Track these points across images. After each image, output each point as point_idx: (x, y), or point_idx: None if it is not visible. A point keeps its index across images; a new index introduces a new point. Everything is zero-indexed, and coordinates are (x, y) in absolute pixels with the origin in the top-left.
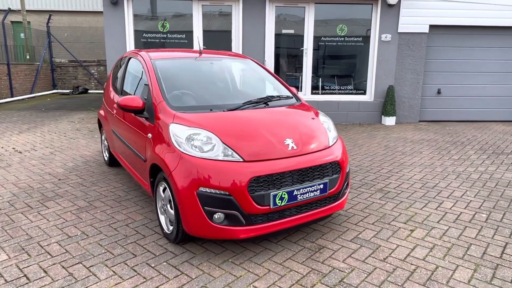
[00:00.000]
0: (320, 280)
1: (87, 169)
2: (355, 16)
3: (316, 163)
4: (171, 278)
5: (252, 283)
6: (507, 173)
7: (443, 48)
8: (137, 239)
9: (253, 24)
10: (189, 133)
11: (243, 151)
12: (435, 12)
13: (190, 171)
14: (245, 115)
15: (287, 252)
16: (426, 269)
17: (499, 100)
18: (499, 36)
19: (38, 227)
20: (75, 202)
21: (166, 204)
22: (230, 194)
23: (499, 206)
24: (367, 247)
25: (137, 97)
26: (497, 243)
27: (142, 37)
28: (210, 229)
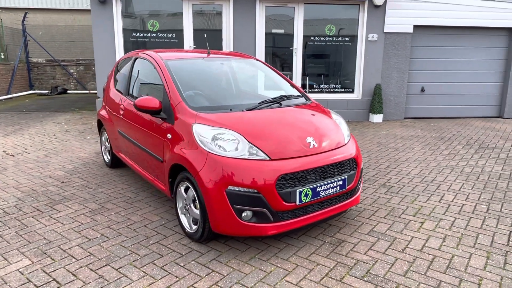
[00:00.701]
0: (347, 272)
1: (89, 171)
2: (343, 16)
3: (336, 160)
4: (203, 276)
5: (283, 278)
6: (496, 166)
7: (426, 48)
8: (159, 240)
9: (244, 23)
10: (214, 133)
11: (269, 150)
12: (419, 13)
13: (219, 170)
14: (264, 114)
15: (310, 247)
16: (444, 258)
17: (478, 97)
18: (477, 36)
19: (55, 231)
20: (85, 204)
21: (189, 204)
22: (259, 192)
23: (495, 197)
24: (384, 240)
25: (154, 98)
26: (502, 232)
27: (131, 36)
28: (239, 226)
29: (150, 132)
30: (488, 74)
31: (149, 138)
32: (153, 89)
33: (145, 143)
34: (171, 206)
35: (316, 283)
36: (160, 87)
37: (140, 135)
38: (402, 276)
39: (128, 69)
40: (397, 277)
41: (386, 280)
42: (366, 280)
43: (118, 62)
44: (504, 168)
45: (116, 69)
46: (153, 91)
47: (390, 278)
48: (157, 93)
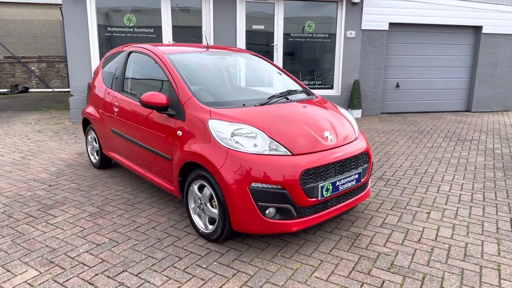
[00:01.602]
0: (373, 265)
1: (76, 173)
2: (322, 13)
3: (352, 154)
4: (230, 277)
5: (312, 274)
6: (478, 157)
7: (400, 45)
8: (173, 241)
9: (224, 20)
10: (233, 128)
11: (290, 145)
12: (394, 10)
13: (241, 167)
14: (278, 109)
15: (329, 242)
16: (459, 247)
17: (448, 93)
18: (447, 34)
19: (56, 238)
20: (82, 208)
21: (205, 203)
22: (284, 188)
23: (487, 186)
24: (399, 231)
25: (160, 93)
26: (504, 219)
27: (107, 31)
28: (263, 224)
29: (155, 130)
30: (457, 70)
31: (153, 136)
32: (155, 85)
33: (148, 142)
34: (175, 207)
35: (345, 277)
36: (163, 82)
37: (142, 133)
38: (426, 266)
39: (121, 64)
40: (421, 267)
41: (412, 270)
42: (393, 271)
43: (106, 57)
44: (486, 159)
45: (104, 64)
46: (154, 86)
47: (415, 268)
48: (159, 89)
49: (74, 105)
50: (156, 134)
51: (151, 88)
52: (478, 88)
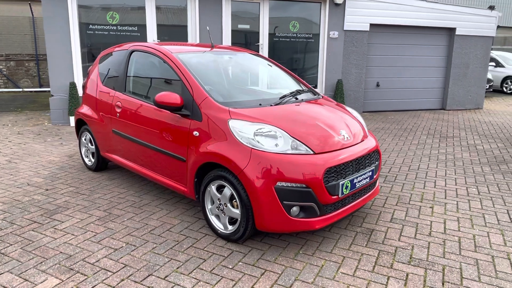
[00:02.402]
0: (393, 259)
1: (71, 176)
2: (306, 14)
3: (367, 152)
4: (259, 276)
5: (338, 270)
6: (463, 153)
7: (380, 45)
8: (192, 243)
9: (210, 19)
10: (255, 128)
11: (311, 144)
12: (374, 12)
13: (266, 166)
14: (293, 108)
15: (346, 238)
16: (468, 238)
17: (425, 91)
18: (424, 35)
19: (69, 244)
20: (88, 212)
21: (225, 203)
22: (309, 187)
23: (479, 181)
24: (409, 226)
25: (174, 93)
26: (501, 211)
27: (89, 29)
28: (288, 223)
29: (167, 131)
30: (433, 70)
31: (165, 137)
32: (164, 85)
33: (158, 143)
34: (185, 208)
35: (371, 272)
36: (174, 82)
37: (151, 134)
38: (442, 257)
39: (122, 63)
40: (439, 259)
41: (431, 263)
42: (414, 264)
43: (101, 56)
44: (471, 155)
45: (100, 63)
46: (163, 86)
47: (433, 260)
48: (170, 89)
49: (55, 105)
50: (169, 135)
51: (160, 88)
52: (452, 87)
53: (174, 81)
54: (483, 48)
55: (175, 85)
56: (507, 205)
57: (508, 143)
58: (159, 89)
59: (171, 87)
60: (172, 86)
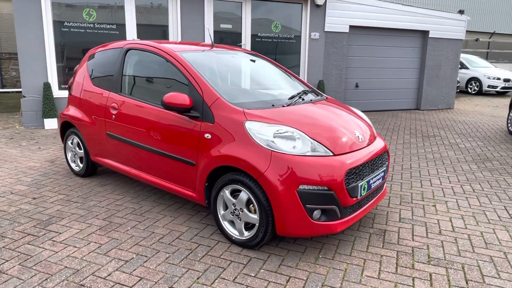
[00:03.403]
0: (413, 259)
1: (57, 183)
2: (288, 15)
3: (379, 152)
4: (285, 284)
5: (362, 273)
6: (449, 152)
7: (359, 47)
8: (207, 251)
9: (192, 19)
10: (274, 130)
11: (330, 145)
12: (353, 14)
13: (288, 169)
14: (306, 110)
15: (361, 240)
16: (476, 236)
17: (401, 92)
18: (399, 37)
19: (73, 257)
20: (86, 222)
21: (241, 208)
22: (331, 189)
23: (470, 178)
24: (418, 225)
25: (183, 94)
26: (499, 207)
27: (64, 26)
28: (310, 227)
29: (174, 133)
30: (408, 71)
31: (171, 140)
32: (167, 85)
33: (162, 146)
34: (189, 214)
35: (394, 273)
36: (178, 82)
37: (154, 137)
38: (459, 256)
39: (117, 62)
40: (456, 258)
41: (450, 261)
42: (434, 264)
43: (90, 55)
44: (455, 153)
45: (89, 63)
46: (166, 86)
47: (451, 259)
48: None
49: (27, 107)
50: (175, 138)
51: (163, 88)
52: (426, 88)
53: (179, 82)
54: (454, 50)
55: (180, 86)
56: (503, 202)
57: (486, 141)
58: (162, 90)
59: (176, 88)
60: (177, 87)
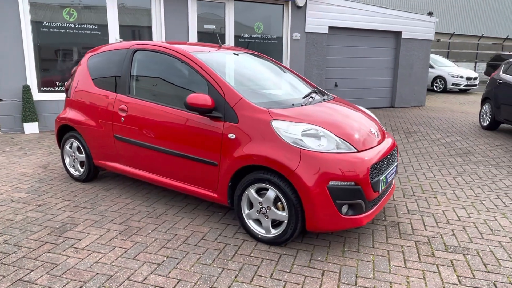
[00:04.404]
0: (432, 248)
1: (58, 189)
2: (270, 15)
3: (393, 147)
4: (321, 277)
5: (389, 264)
6: (433, 147)
7: (338, 47)
8: (236, 250)
9: (176, 20)
10: (302, 128)
11: (353, 142)
12: (332, 15)
13: (318, 166)
14: (325, 108)
15: (379, 232)
16: (481, 224)
17: (377, 91)
18: (375, 38)
19: (102, 263)
20: (104, 227)
21: (268, 207)
22: (358, 184)
23: (459, 171)
24: (427, 216)
25: (205, 95)
26: (492, 196)
27: (43, 26)
28: (340, 221)
29: (194, 134)
30: (383, 71)
31: (191, 141)
32: (183, 85)
33: (181, 148)
34: (206, 215)
35: (419, 262)
36: (196, 83)
37: (171, 139)
38: (471, 242)
39: (124, 63)
40: (469, 244)
41: (465, 248)
42: (451, 251)
43: (90, 56)
44: (439, 148)
45: (91, 64)
46: (183, 88)
47: (465, 246)
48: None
49: (5, 111)
50: (195, 139)
51: (178, 89)
52: (399, 87)
53: (195, 82)
54: (424, 50)
55: (196, 87)
56: (495, 191)
57: (463, 136)
58: (177, 91)
59: (192, 89)
60: (194, 88)
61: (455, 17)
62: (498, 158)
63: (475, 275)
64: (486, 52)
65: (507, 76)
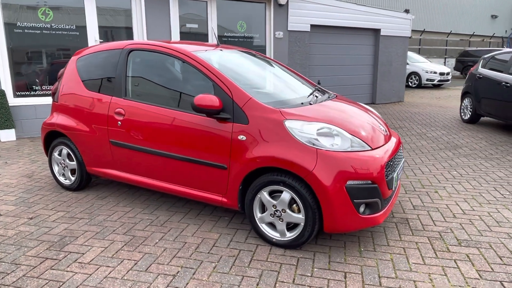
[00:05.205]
0: (446, 243)
1: (49, 199)
2: (253, 14)
3: (400, 144)
4: (344, 279)
5: (408, 262)
6: (421, 141)
7: (320, 45)
8: (252, 256)
9: (158, 20)
10: (316, 127)
11: (366, 140)
12: (314, 13)
13: (335, 166)
14: (334, 106)
15: (390, 230)
16: (486, 216)
17: (358, 87)
18: (356, 35)
19: (113, 278)
20: (106, 239)
21: (283, 209)
22: (375, 182)
23: (452, 164)
24: (433, 211)
25: (212, 95)
26: (489, 188)
27: (16, 27)
28: (358, 221)
29: (200, 137)
30: (364, 68)
31: (197, 144)
32: (185, 87)
33: (186, 151)
34: (212, 220)
35: (436, 258)
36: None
37: (175, 143)
38: (481, 235)
39: (118, 65)
40: (480, 237)
41: (476, 242)
42: (465, 245)
43: (79, 58)
44: (427, 142)
45: (80, 65)
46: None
47: (476, 239)
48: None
49: None
50: (202, 142)
51: (180, 90)
52: (380, 83)
53: (198, 83)
54: (402, 47)
55: (201, 87)
56: (490, 183)
57: (448, 130)
58: (179, 92)
59: (197, 89)
60: (197, 88)
61: (426, 14)
62: (485, 150)
63: (494, 268)
64: (454, 48)
65: (486, 70)
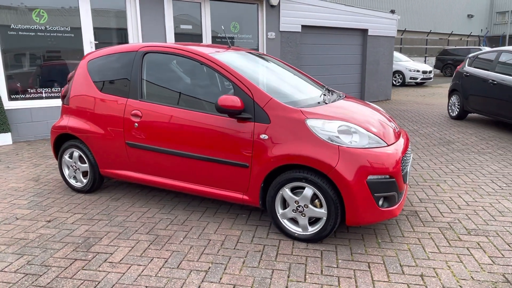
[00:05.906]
0: (457, 233)
1: (63, 202)
2: (245, 15)
3: (408, 140)
4: (369, 269)
5: (425, 251)
6: (415, 138)
7: (311, 45)
8: (276, 251)
9: (152, 21)
10: (337, 125)
11: (382, 136)
12: (304, 14)
13: (356, 162)
14: (348, 105)
15: (403, 222)
16: (488, 207)
17: (348, 86)
18: (345, 35)
19: (147, 275)
20: (131, 238)
21: (305, 205)
22: (393, 177)
23: (448, 159)
24: (439, 203)
25: (235, 96)
26: (487, 181)
27: (10, 29)
28: (378, 214)
29: (222, 137)
30: (352, 67)
31: (218, 144)
32: (203, 88)
33: (208, 151)
34: (231, 218)
35: (449, 247)
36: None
37: (196, 143)
38: (487, 225)
39: (133, 67)
40: (486, 227)
41: (484, 230)
42: (474, 234)
43: (90, 60)
44: (421, 138)
45: (91, 68)
46: (203, 89)
47: (484, 228)
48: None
49: None
50: (224, 142)
51: (198, 91)
52: (368, 82)
53: (219, 84)
54: (388, 46)
55: (221, 88)
56: (487, 176)
57: (438, 126)
58: (199, 94)
59: (215, 90)
60: (216, 89)
61: (406, 14)
62: (476, 145)
63: (504, 255)
64: (434, 47)
65: (472, 69)
